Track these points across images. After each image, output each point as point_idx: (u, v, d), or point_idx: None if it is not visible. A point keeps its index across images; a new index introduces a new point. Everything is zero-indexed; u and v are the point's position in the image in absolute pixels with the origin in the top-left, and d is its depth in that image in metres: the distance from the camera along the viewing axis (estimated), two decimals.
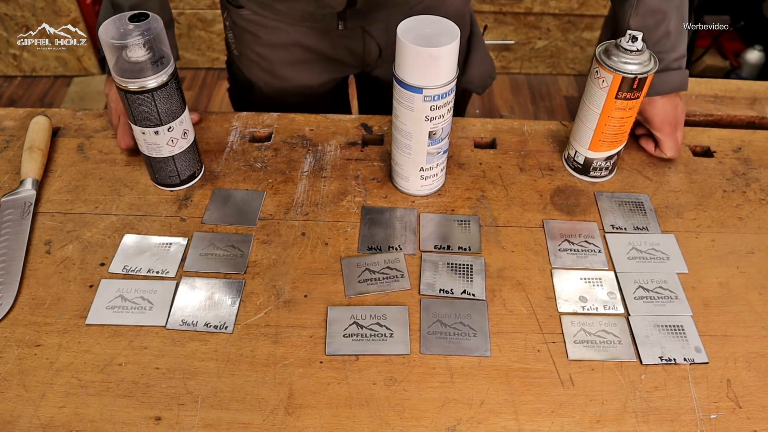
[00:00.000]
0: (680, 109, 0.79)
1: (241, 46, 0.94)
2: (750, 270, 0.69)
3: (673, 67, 0.77)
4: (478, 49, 0.99)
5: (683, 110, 0.80)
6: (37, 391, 0.56)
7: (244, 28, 0.91)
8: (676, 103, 0.79)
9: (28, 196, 0.73)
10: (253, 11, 0.88)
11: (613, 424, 0.55)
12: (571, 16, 2.23)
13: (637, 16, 0.73)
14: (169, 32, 0.78)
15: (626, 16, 0.74)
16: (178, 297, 0.64)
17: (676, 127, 0.79)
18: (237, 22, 0.91)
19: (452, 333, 0.62)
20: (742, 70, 2.18)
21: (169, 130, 0.70)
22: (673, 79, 0.76)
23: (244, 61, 0.96)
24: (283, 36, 0.90)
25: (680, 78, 0.77)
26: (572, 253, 0.70)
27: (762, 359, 0.60)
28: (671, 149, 0.79)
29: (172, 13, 0.83)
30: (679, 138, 0.80)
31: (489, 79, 1.01)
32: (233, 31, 0.94)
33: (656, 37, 0.74)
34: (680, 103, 0.79)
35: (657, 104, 0.77)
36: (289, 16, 0.87)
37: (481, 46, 0.99)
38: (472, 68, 0.98)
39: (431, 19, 0.64)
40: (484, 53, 1.00)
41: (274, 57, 0.93)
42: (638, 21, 0.74)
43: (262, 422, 0.55)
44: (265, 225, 0.72)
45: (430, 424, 0.55)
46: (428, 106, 0.66)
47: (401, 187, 0.76)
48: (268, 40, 0.91)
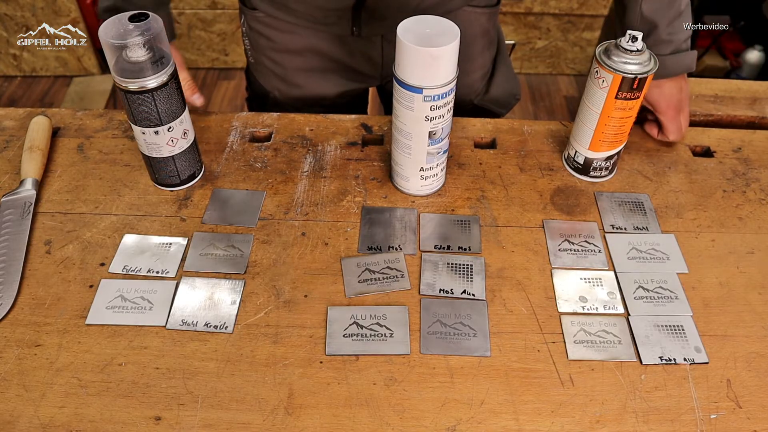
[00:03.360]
0: (685, 92, 0.80)
1: (256, 52, 0.93)
2: (750, 270, 0.69)
3: (683, 48, 0.77)
4: (502, 66, 0.96)
5: (687, 93, 0.81)
6: (37, 391, 0.56)
7: (259, 32, 0.90)
8: (681, 85, 0.79)
9: (28, 196, 0.73)
10: (266, 12, 0.88)
11: (613, 424, 0.55)
12: (571, 16, 2.23)
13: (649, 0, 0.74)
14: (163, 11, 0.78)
15: (639, 0, 0.75)
16: (178, 297, 0.64)
17: (680, 111, 0.80)
18: (252, 26, 0.91)
19: (452, 333, 0.62)
20: (742, 70, 2.18)
21: (169, 130, 0.70)
22: (684, 60, 0.77)
23: (259, 69, 0.95)
24: (298, 41, 0.89)
25: (690, 59, 0.78)
26: (572, 253, 0.70)
27: (762, 359, 0.60)
28: (674, 133, 0.80)
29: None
30: (682, 121, 0.81)
31: (513, 99, 0.99)
32: (249, 37, 0.93)
33: (669, 17, 0.75)
34: (685, 85, 0.80)
35: (664, 87, 0.78)
36: (302, 16, 0.86)
37: (506, 63, 0.97)
38: (496, 87, 0.96)
39: (431, 19, 0.64)
40: (509, 72, 0.97)
41: (288, 63, 0.92)
42: (651, 4, 0.74)
43: (262, 422, 0.55)
44: (265, 225, 0.72)
45: (430, 424, 0.55)
46: (428, 106, 0.66)
47: (401, 187, 0.76)
48: (283, 44, 0.90)
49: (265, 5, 0.87)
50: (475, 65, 0.93)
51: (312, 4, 0.84)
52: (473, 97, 0.96)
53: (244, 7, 0.90)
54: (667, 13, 0.75)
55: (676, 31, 0.76)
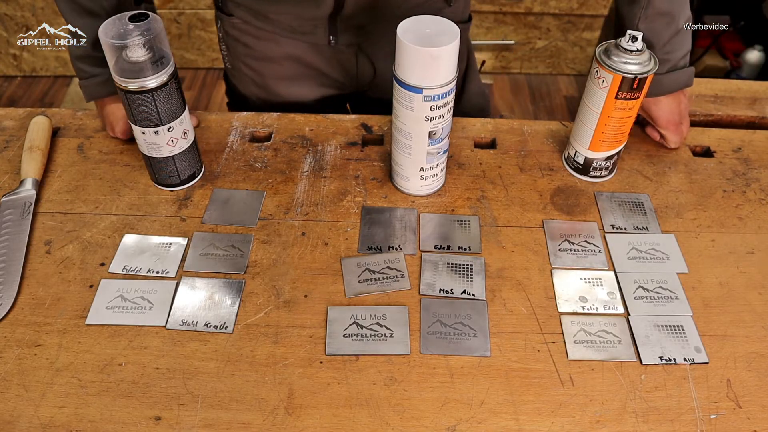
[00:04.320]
0: (684, 105, 0.80)
1: (233, 59, 0.92)
2: (750, 270, 0.69)
3: (680, 65, 0.77)
4: (473, 82, 0.98)
5: (687, 105, 0.81)
6: (37, 391, 0.56)
7: (236, 39, 0.89)
8: (680, 99, 0.79)
9: (28, 196, 0.73)
10: (243, 19, 0.87)
11: (613, 424, 0.55)
12: (571, 16, 2.23)
13: (646, 20, 0.73)
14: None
15: (635, 19, 0.74)
16: (178, 297, 0.64)
17: (681, 122, 0.80)
18: (229, 32, 0.90)
19: (452, 333, 0.62)
20: (742, 70, 2.18)
21: (169, 130, 0.70)
22: (681, 78, 0.77)
23: (237, 75, 0.94)
24: (275, 49, 0.88)
25: (687, 75, 0.78)
26: (572, 253, 0.70)
27: (762, 359, 0.60)
28: (675, 143, 0.81)
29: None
30: (683, 130, 0.81)
31: (482, 114, 1.00)
32: (226, 42, 0.92)
33: (665, 38, 0.74)
34: (683, 98, 0.80)
35: (662, 104, 0.78)
36: (279, 25, 0.85)
37: (476, 79, 0.99)
38: (466, 101, 0.98)
39: (431, 19, 0.64)
40: (479, 87, 0.99)
41: (266, 72, 0.91)
42: (647, 24, 0.74)
43: (262, 422, 0.55)
44: (265, 225, 0.72)
45: (430, 424, 0.55)
46: (428, 106, 0.66)
47: (401, 187, 0.76)
48: (260, 52, 0.89)
49: (242, 12, 0.86)
50: None
51: (289, 13, 0.83)
52: None
53: (220, 13, 0.89)
54: (664, 33, 0.74)
55: (673, 49, 0.76)
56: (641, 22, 0.74)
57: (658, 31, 0.74)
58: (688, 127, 0.82)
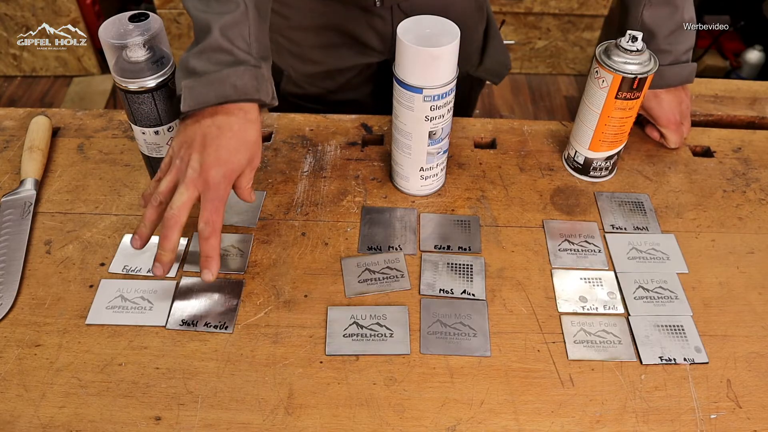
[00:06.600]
0: (685, 104, 0.80)
1: (271, 32, 0.94)
2: (750, 270, 0.69)
3: (683, 60, 0.78)
4: (494, 39, 0.99)
5: (688, 104, 0.81)
6: (37, 391, 0.56)
7: (275, 11, 0.90)
8: (681, 98, 0.80)
9: (28, 196, 0.73)
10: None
11: (613, 424, 0.55)
12: (571, 16, 2.23)
13: (651, 7, 0.74)
14: (262, 26, 0.69)
15: (640, 6, 0.75)
16: (178, 297, 0.64)
17: (682, 122, 0.81)
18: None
19: (452, 333, 0.62)
20: (742, 70, 2.18)
21: (170, 130, 0.70)
22: (682, 72, 0.78)
23: (273, 47, 0.95)
24: (312, 18, 0.88)
25: (689, 70, 0.78)
26: (572, 253, 0.70)
27: (762, 359, 0.60)
28: (676, 143, 0.82)
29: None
30: (684, 130, 0.81)
31: (504, 69, 1.02)
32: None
33: (669, 29, 0.75)
34: (685, 97, 0.80)
35: (663, 102, 0.78)
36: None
37: (497, 35, 1.00)
38: (489, 57, 0.99)
39: (431, 19, 0.65)
40: (500, 43, 1.00)
41: (303, 41, 0.92)
42: (652, 12, 0.74)
43: (262, 422, 0.55)
44: (265, 225, 0.72)
45: (430, 424, 0.55)
46: (428, 106, 0.66)
47: (401, 187, 0.76)
48: (298, 22, 0.90)
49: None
50: (471, 38, 0.95)
51: None
52: (469, 68, 0.98)
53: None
54: (667, 23, 0.75)
55: (676, 41, 0.76)
56: (646, 9, 0.75)
57: (661, 20, 0.75)
58: (690, 129, 0.82)
